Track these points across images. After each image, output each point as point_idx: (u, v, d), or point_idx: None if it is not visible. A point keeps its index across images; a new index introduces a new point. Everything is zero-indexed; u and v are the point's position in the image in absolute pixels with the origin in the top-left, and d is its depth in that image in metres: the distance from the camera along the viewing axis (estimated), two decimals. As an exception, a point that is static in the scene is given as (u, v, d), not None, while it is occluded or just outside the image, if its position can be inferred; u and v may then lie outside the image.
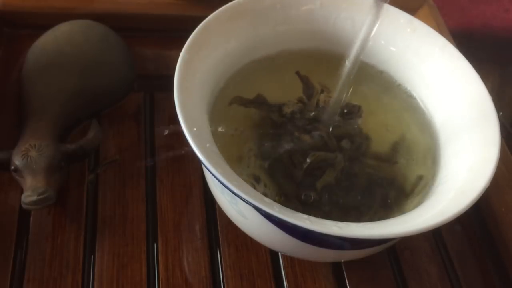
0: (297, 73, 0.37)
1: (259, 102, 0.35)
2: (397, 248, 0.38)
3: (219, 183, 0.27)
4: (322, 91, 0.36)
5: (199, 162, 0.28)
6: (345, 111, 0.35)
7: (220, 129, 0.33)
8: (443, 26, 0.49)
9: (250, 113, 0.35)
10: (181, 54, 0.31)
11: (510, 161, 0.41)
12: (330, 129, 0.34)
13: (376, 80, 0.38)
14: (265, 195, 0.30)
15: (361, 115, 0.36)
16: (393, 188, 0.33)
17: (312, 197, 0.32)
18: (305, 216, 0.28)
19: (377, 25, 0.31)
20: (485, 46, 0.64)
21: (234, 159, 0.32)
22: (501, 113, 0.32)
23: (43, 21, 0.42)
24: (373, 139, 0.35)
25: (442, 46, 0.36)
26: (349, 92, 0.34)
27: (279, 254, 0.37)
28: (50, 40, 0.40)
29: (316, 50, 0.38)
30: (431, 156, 0.34)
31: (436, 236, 0.39)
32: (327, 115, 0.35)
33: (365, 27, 0.32)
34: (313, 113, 0.35)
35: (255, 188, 0.31)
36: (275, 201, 0.29)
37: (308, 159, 0.33)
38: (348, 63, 0.33)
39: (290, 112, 0.35)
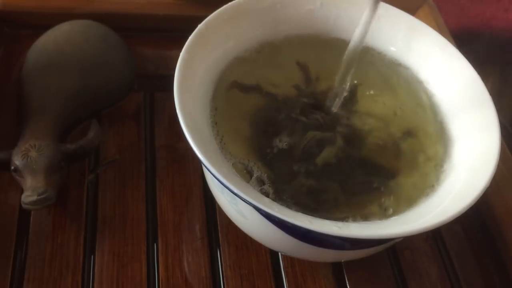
0: (298, 63, 0.37)
1: (257, 88, 0.35)
2: (397, 248, 0.38)
3: (219, 183, 0.27)
4: (317, 79, 0.36)
5: (199, 162, 0.28)
6: (342, 97, 0.35)
7: (219, 118, 0.33)
8: (443, 26, 0.49)
9: (249, 102, 0.35)
10: (181, 54, 0.31)
11: (510, 161, 0.41)
12: (327, 115, 0.35)
13: (375, 62, 0.38)
14: (260, 179, 0.30)
15: (358, 100, 0.36)
16: (388, 171, 0.33)
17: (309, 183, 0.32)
18: (305, 216, 0.28)
19: (373, 21, 0.31)
20: (485, 46, 0.64)
21: (233, 144, 0.32)
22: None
23: (43, 21, 0.42)
24: (371, 124, 0.35)
25: (442, 46, 0.36)
26: (347, 82, 0.35)
27: (279, 254, 0.37)
28: (50, 40, 0.40)
29: (317, 38, 0.38)
30: (432, 147, 0.34)
31: (436, 236, 0.39)
32: (324, 101, 0.35)
33: (361, 24, 0.32)
34: (310, 100, 0.35)
35: (250, 171, 0.31)
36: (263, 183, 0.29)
37: (305, 138, 0.33)
38: (345, 59, 0.34)
39: (288, 99, 0.35)
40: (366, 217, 0.30)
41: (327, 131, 0.34)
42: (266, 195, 0.30)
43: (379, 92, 0.37)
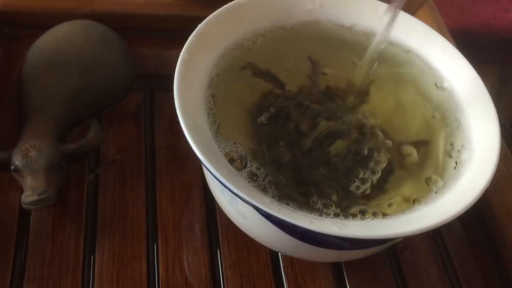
0: (309, 58, 0.37)
1: (269, 75, 0.35)
2: (397, 248, 0.38)
3: (219, 183, 0.27)
4: (323, 73, 0.36)
5: (199, 162, 0.28)
6: (352, 91, 0.35)
7: (218, 113, 0.33)
8: (443, 26, 0.49)
9: (255, 90, 0.35)
10: (181, 54, 0.31)
11: (510, 161, 0.41)
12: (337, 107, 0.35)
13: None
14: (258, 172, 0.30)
15: (368, 95, 0.36)
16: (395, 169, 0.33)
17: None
18: (305, 216, 0.28)
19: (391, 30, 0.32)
20: (485, 46, 0.64)
21: (232, 135, 0.32)
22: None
23: (43, 21, 0.42)
24: (380, 119, 0.35)
25: (443, 46, 0.36)
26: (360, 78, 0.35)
27: (279, 254, 0.37)
28: (50, 40, 0.40)
29: (318, 36, 0.38)
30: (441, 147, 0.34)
31: (436, 236, 0.39)
32: (333, 94, 0.35)
33: (379, 33, 0.32)
34: (321, 93, 0.35)
35: (250, 166, 0.31)
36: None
37: (318, 128, 0.33)
38: (360, 67, 0.34)
39: (299, 88, 0.35)
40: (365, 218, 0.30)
41: (339, 123, 0.34)
42: (263, 187, 0.30)
43: (385, 88, 0.37)
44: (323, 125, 0.33)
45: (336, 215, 0.30)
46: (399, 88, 0.37)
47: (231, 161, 0.31)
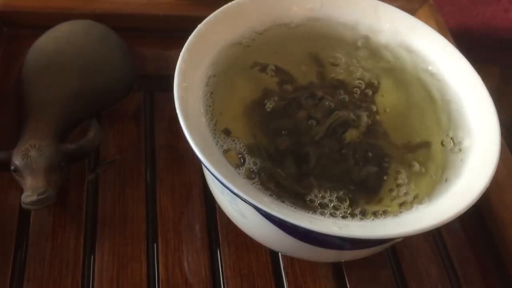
0: (311, 54, 0.37)
1: (280, 70, 0.35)
2: (397, 248, 0.38)
3: (219, 183, 0.27)
4: (322, 72, 0.37)
5: (199, 162, 0.28)
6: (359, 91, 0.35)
7: (219, 112, 0.33)
8: (443, 26, 0.49)
9: (254, 87, 0.35)
10: (181, 54, 0.31)
11: (510, 161, 0.41)
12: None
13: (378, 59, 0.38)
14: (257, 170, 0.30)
15: (374, 99, 0.36)
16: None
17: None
18: (305, 216, 0.28)
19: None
20: (485, 46, 0.64)
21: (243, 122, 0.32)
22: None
23: (43, 21, 0.42)
24: (386, 115, 0.35)
25: (443, 46, 0.36)
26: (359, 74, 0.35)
27: (279, 254, 0.37)
28: (50, 40, 0.40)
29: (319, 36, 0.38)
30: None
31: (436, 236, 0.39)
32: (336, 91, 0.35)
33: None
34: (322, 89, 0.35)
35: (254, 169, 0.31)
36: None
37: (330, 118, 0.33)
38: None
39: (304, 84, 0.35)
40: (369, 215, 0.30)
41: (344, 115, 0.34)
42: (262, 183, 0.30)
43: (386, 88, 0.37)
44: (336, 113, 0.33)
45: (336, 215, 0.30)
46: (400, 87, 0.37)
47: (226, 151, 0.31)
